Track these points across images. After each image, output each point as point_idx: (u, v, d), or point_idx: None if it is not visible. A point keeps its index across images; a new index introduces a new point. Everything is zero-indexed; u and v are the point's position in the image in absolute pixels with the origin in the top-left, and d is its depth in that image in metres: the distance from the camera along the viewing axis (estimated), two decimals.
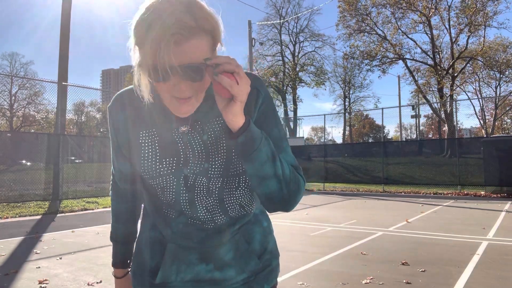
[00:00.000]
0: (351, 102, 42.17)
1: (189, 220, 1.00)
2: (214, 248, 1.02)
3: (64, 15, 12.20)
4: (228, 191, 1.00)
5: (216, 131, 0.98)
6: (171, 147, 0.97)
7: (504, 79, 31.32)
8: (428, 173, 16.16)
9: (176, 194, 0.98)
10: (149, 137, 0.98)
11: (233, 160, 0.98)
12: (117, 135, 1.03)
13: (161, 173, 0.97)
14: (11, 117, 39.06)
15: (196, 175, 0.97)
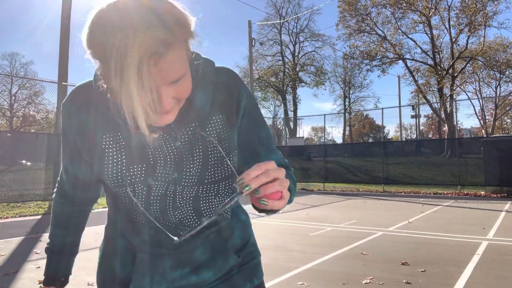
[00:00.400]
0: (351, 102, 42.18)
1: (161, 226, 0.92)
2: (189, 252, 0.95)
3: (64, 15, 12.20)
4: (204, 199, 0.92)
5: (190, 137, 0.88)
6: (140, 152, 0.86)
7: (504, 79, 31.33)
8: (428, 173, 16.16)
9: (146, 203, 0.88)
10: (114, 141, 0.86)
11: (209, 167, 0.90)
12: (75, 137, 0.89)
13: (129, 181, 0.86)
14: (11, 117, 39.05)
15: (168, 183, 0.88)
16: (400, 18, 25.56)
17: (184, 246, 0.94)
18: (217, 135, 0.90)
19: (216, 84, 0.90)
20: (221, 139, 0.91)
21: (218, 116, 0.90)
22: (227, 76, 0.92)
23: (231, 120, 0.92)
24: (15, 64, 44.02)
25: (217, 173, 0.91)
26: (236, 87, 0.92)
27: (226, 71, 0.93)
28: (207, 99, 0.88)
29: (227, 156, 0.91)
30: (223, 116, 0.91)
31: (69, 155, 0.95)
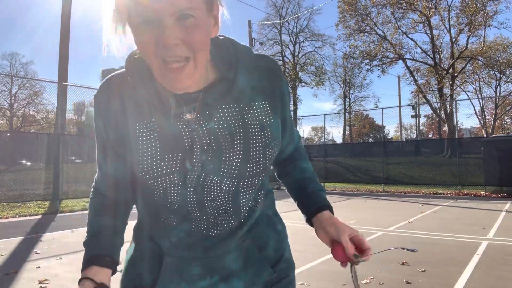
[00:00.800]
0: (351, 102, 42.18)
1: (192, 227, 0.86)
2: (220, 257, 0.87)
3: (64, 15, 12.20)
4: (244, 194, 0.86)
5: (229, 122, 0.82)
6: (175, 139, 0.80)
7: (504, 79, 31.32)
8: (428, 173, 16.17)
9: (182, 196, 0.83)
10: (148, 129, 0.81)
11: (251, 157, 0.83)
12: (108, 129, 0.85)
13: (164, 171, 0.80)
14: (11, 117, 39.05)
15: (206, 173, 0.81)
16: (400, 18, 25.58)
17: (215, 249, 0.87)
18: (259, 122, 0.85)
19: (257, 68, 0.86)
20: (264, 127, 0.85)
21: (260, 102, 0.85)
22: (268, 61, 0.88)
23: (273, 107, 0.87)
24: (15, 64, 44.05)
25: (258, 164, 0.85)
26: (277, 73, 0.89)
27: (266, 57, 0.89)
28: (248, 81, 0.83)
29: (268, 146, 0.85)
30: (265, 102, 0.86)
31: (101, 150, 0.90)
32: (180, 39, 0.69)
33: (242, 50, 0.84)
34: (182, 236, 0.86)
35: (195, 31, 0.70)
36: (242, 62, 0.82)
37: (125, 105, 0.82)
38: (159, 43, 0.68)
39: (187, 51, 0.70)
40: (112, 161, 0.89)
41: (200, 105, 0.80)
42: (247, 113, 0.83)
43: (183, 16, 0.68)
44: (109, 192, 0.94)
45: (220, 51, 0.83)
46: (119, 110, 0.83)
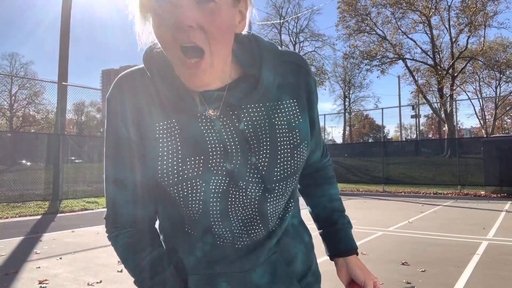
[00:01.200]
0: (351, 102, 42.18)
1: (217, 240, 0.79)
2: (247, 272, 0.81)
3: (64, 15, 12.20)
4: (271, 200, 0.79)
5: (255, 122, 0.76)
6: (197, 141, 0.74)
7: (504, 79, 31.33)
8: (428, 173, 16.17)
9: (204, 203, 0.75)
10: (168, 130, 0.75)
11: (278, 161, 0.77)
12: (130, 129, 0.76)
13: (185, 176, 0.74)
14: (11, 117, 39.04)
15: (230, 177, 0.75)
16: (400, 18, 25.58)
17: (242, 264, 0.80)
18: (287, 123, 0.79)
19: (283, 64, 0.80)
20: (292, 128, 0.79)
21: (288, 100, 0.80)
22: (294, 56, 0.83)
23: (302, 105, 0.81)
24: (15, 64, 44.09)
25: (287, 168, 0.78)
26: (305, 68, 0.83)
27: (292, 53, 0.84)
28: (274, 78, 0.77)
29: (297, 148, 0.80)
30: (293, 101, 0.80)
31: (125, 158, 0.77)
32: (197, 22, 0.64)
33: (266, 45, 0.79)
34: (207, 249, 0.79)
35: (214, 17, 0.65)
36: (267, 57, 0.77)
37: (143, 104, 0.76)
38: (174, 25, 0.64)
39: (203, 39, 0.65)
40: (141, 165, 0.77)
41: (224, 104, 0.75)
42: (274, 113, 0.78)
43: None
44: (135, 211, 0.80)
45: (243, 47, 0.78)
46: (137, 109, 0.76)
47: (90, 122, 51.98)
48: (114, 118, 0.77)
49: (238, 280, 0.81)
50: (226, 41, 0.68)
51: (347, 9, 26.17)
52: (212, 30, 0.65)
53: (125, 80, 0.77)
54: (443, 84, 24.44)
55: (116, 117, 0.76)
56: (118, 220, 0.80)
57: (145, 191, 0.79)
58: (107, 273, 4.28)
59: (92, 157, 13.67)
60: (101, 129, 48.63)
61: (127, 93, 0.76)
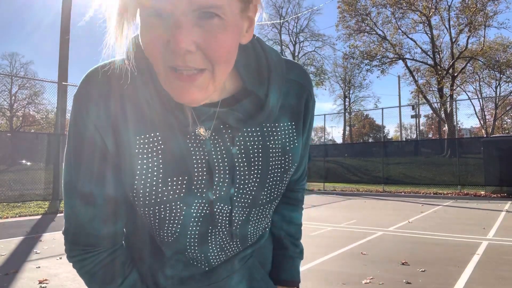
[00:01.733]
0: (351, 102, 42.19)
1: (190, 260, 0.73)
2: (224, 281, 0.77)
3: (64, 15, 12.20)
4: (254, 223, 0.75)
5: (248, 144, 0.69)
6: (182, 161, 0.65)
7: (504, 79, 31.33)
8: (428, 173, 16.18)
9: (183, 227, 0.68)
10: (149, 145, 0.65)
11: (267, 185, 0.72)
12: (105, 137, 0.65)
13: (164, 198, 0.66)
14: (11, 117, 39.05)
15: (215, 202, 0.68)
16: (400, 18, 25.59)
17: (218, 274, 0.75)
18: (281, 146, 0.72)
19: (287, 82, 0.72)
20: (285, 152, 0.73)
21: (286, 123, 0.73)
22: (300, 73, 0.74)
23: (298, 129, 0.75)
24: (15, 64, 44.04)
25: (273, 192, 0.74)
26: (308, 88, 0.75)
27: (298, 67, 0.75)
28: (277, 99, 0.68)
29: (287, 172, 0.75)
30: (291, 124, 0.73)
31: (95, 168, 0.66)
32: (196, 45, 0.53)
33: (274, 59, 0.69)
34: (179, 268, 0.73)
35: (219, 36, 0.53)
36: (275, 76, 0.67)
37: (122, 111, 0.64)
38: (168, 47, 0.53)
39: (204, 62, 0.54)
40: (114, 178, 0.67)
41: (219, 123, 0.66)
42: (270, 135, 0.71)
43: (206, 14, 0.52)
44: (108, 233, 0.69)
45: (247, 57, 0.68)
46: (114, 116, 0.64)
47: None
48: (85, 120, 0.64)
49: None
50: (231, 58, 0.58)
51: (347, 9, 26.18)
52: (214, 51, 0.54)
53: (100, 77, 0.64)
54: (443, 84, 24.45)
55: (85, 121, 0.64)
56: (82, 240, 0.69)
57: (116, 206, 0.69)
58: None
59: None
60: None
61: (102, 94, 0.63)
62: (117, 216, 0.70)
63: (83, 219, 0.68)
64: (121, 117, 0.64)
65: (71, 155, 0.67)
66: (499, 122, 37.91)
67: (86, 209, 0.67)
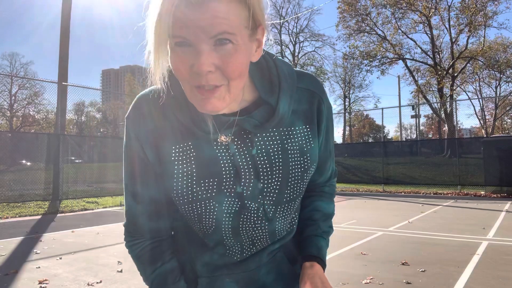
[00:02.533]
0: (351, 102, 42.19)
1: (227, 251, 0.85)
2: (253, 271, 0.87)
3: (64, 15, 12.20)
4: (280, 219, 0.85)
5: (268, 147, 0.80)
6: (212, 164, 0.78)
7: (504, 79, 31.34)
8: (428, 173, 16.17)
9: (217, 221, 0.81)
10: (184, 153, 0.78)
11: (289, 183, 0.82)
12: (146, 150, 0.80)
13: (199, 197, 0.78)
14: (11, 117, 39.05)
15: (243, 200, 0.80)
16: (400, 18, 25.57)
17: (248, 264, 0.86)
18: (299, 148, 0.83)
19: (298, 90, 0.82)
20: (303, 152, 0.83)
21: (301, 126, 0.83)
22: (310, 82, 0.85)
23: (313, 132, 0.84)
24: (15, 64, 44.10)
25: (296, 190, 0.84)
26: (319, 94, 0.85)
27: (309, 77, 0.85)
28: (289, 106, 0.79)
29: (307, 171, 0.84)
30: (306, 127, 0.83)
31: (140, 174, 0.83)
32: (215, 66, 0.65)
33: (285, 71, 0.80)
34: (215, 258, 0.86)
35: (232, 59, 0.65)
36: (285, 85, 0.79)
37: (160, 126, 0.79)
38: (193, 69, 0.65)
39: (222, 79, 0.66)
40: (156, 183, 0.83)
41: (238, 129, 0.78)
42: (287, 138, 0.81)
43: (221, 41, 0.64)
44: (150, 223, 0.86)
45: (261, 72, 0.80)
46: (154, 131, 0.79)
47: (90, 122, 51.96)
48: (131, 137, 0.81)
49: (245, 280, 0.86)
50: (244, 75, 0.70)
51: (347, 9, 26.17)
52: (230, 71, 0.66)
53: (143, 102, 0.80)
54: (443, 84, 24.44)
55: (132, 137, 0.81)
56: (133, 229, 0.87)
57: (158, 206, 0.84)
58: (107, 273, 4.28)
59: (92, 157, 13.68)
60: (101, 129, 48.59)
61: (145, 114, 0.79)
62: (159, 215, 0.85)
63: (134, 213, 0.85)
64: (158, 132, 0.79)
65: (125, 163, 0.84)
66: (499, 122, 37.92)
67: (136, 206, 0.84)
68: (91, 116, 53.42)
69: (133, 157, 0.82)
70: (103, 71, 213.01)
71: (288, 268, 0.90)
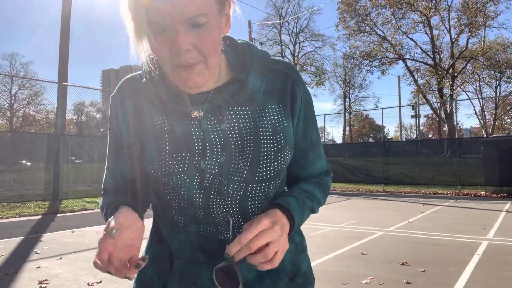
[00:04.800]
0: (351, 102, 42.18)
1: (201, 230, 0.83)
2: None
3: (64, 15, 12.20)
4: (253, 200, 0.82)
5: (240, 124, 0.81)
6: (184, 139, 0.80)
7: (504, 79, 31.33)
8: (428, 173, 16.17)
9: (188, 196, 0.80)
10: (158, 127, 0.82)
11: (261, 162, 0.81)
12: (122, 127, 0.86)
13: (171, 171, 0.80)
14: (11, 117, 39.05)
15: (213, 175, 0.80)
16: (400, 18, 25.56)
17: None
18: (271, 126, 0.83)
19: (272, 71, 0.85)
20: (276, 131, 0.83)
21: (273, 105, 0.84)
22: (285, 65, 0.88)
23: (286, 111, 0.85)
24: (15, 64, 44.09)
25: (269, 169, 0.81)
26: (293, 77, 0.86)
27: (285, 62, 0.89)
28: (260, 84, 0.82)
29: (281, 151, 0.83)
30: (279, 106, 0.84)
31: (114, 152, 0.90)
32: (192, 44, 0.69)
33: (258, 54, 0.84)
34: (191, 237, 0.84)
35: (208, 37, 0.70)
36: (256, 64, 0.82)
37: (140, 104, 0.84)
38: (172, 49, 0.69)
39: (199, 57, 0.71)
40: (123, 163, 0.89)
41: (211, 106, 0.80)
42: (259, 117, 0.82)
43: (196, 22, 0.68)
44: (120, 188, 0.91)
45: (237, 53, 0.85)
46: (133, 109, 0.84)
47: (90, 122, 51.95)
48: (111, 116, 0.88)
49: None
50: (218, 50, 0.75)
51: (347, 9, 26.16)
52: (206, 49, 0.71)
53: (126, 83, 0.87)
54: (443, 84, 24.43)
55: (113, 115, 0.88)
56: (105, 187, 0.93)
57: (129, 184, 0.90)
58: None
59: (92, 157, 13.68)
60: (101, 129, 48.57)
61: (126, 94, 0.86)
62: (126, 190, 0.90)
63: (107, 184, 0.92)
64: (138, 109, 0.84)
65: (108, 139, 0.91)
66: (499, 122, 37.91)
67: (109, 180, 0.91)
68: (91, 116, 53.41)
69: (111, 135, 0.90)
70: (103, 71, 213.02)
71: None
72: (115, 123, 0.87)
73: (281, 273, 0.86)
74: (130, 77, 0.87)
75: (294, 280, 0.88)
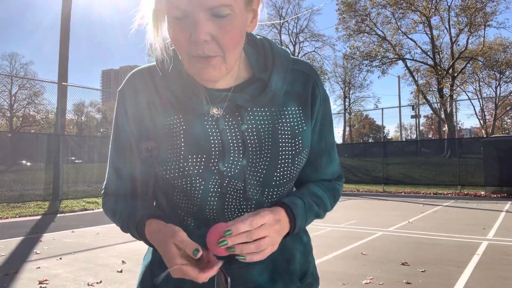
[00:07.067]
0: (351, 102, 42.18)
1: None
2: (245, 269, 0.79)
3: (64, 15, 12.20)
4: (269, 204, 0.79)
5: (259, 126, 0.78)
6: (201, 140, 0.76)
7: (504, 79, 31.33)
8: (428, 173, 16.16)
9: (202, 200, 0.77)
10: (173, 126, 0.77)
11: (278, 166, 0.78)
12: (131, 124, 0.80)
13: (186, 173, 0.75)
14: (11, 117, 39.05)
15: (230, 178, 0.76)
16: (400, 18, 25.57)
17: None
18: (290, 129, 0.80)
19: (293, 72, 0.82)
20: (295, 135, 0.80)
21: (293, 107, 0.81)
22: (305, 65, 0.85)
23: (306, 114, 0.82)
24: (15, 64, 44.12)
25: (286, 174, 0.79)
26: (314, 79, 0.84)
27: (305, 62, 0.86)
28: (282, 85, 0.79)
29: (298, 155, 0.80)
30: (299, 109, 0.81)
31: (121, 151, 0.83)
32: (211, 36, 0.66)
33: (279, 52, 0.81)
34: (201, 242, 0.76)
35: (229, 30, 0.67)
36: (278, 64, 0.79)
37: (152, 101, 0.78)
38: (191, 38, 0.66)
39: (217, 50, 0.67)
40: (134, 161, 0.83)
41: (230, 105, 0.76)
42: (279, 119, 0.79)
43: (218, 12, 0.65)
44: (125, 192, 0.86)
45: (257, 50, 0.81)
46: (144, 105, 0.78)
47: (90, 122, 51.94)
48: (121, 112, 0.81)
49: (237, 276, 0.79)
50: (239, 46, 0.71)
51: (346, 10, 26.16)
52: (226, 41, 0.67)
53: (137, 76, 0.80)
54: (443, 84, 24.43)
55: (122, 111, 0.81)
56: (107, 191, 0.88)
57: (137, 185, 0.85)
58: (107, 273, 4.28)
59: (92, 157, 13.67)
60: (101, 129, 48.57)
61: (138, 89, 0.79)
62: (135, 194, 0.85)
63: (113, 186, 0.87)
64: (149, 106, 0.78)
65: (112, 137, 0.85)
66: (499, 122, 37.91)
67: (116, 181, 0.86)
68: (91, 116, 53.40)
69: (120, 132, 0.83)
70: (103, 71, 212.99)
71: (284, 268, 0.83)
72: (125, 120, 0.81)
73: (293, 276, 0.84)
74: (141, 70, 0.81)
75: (303, 281, 0.87)
